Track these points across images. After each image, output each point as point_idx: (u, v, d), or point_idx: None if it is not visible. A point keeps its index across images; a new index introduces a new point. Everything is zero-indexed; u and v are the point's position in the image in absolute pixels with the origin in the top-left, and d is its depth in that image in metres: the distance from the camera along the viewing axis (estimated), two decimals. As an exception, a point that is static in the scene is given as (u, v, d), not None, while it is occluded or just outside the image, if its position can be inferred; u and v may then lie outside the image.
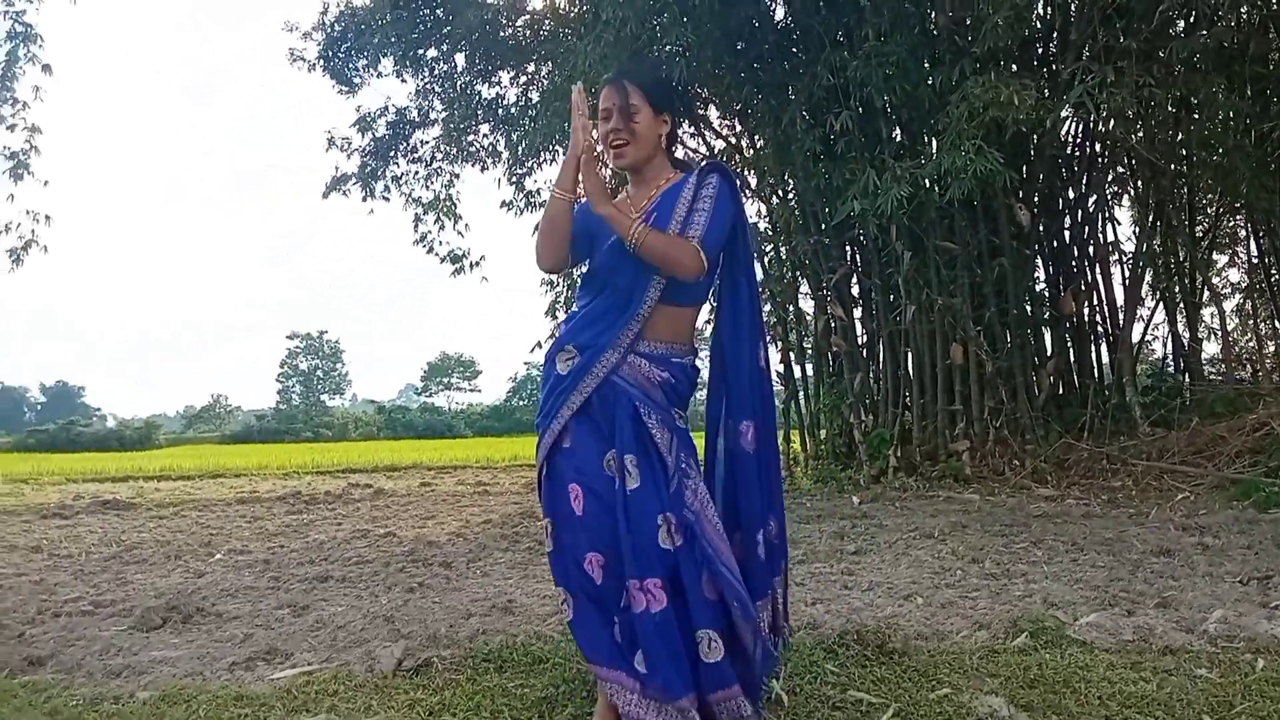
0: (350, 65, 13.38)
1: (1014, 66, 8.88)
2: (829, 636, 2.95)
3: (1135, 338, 10.60)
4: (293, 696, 2.64)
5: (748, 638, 2.38)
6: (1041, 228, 10.27)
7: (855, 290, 10.91)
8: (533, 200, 13.21)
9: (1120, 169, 10.76)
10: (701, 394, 2.82)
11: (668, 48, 8.98)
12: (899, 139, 9.55)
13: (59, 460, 23.78)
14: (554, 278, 12.31)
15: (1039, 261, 10.44)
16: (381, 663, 2.83)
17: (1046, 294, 10.42)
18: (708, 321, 5.94)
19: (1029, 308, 10.04)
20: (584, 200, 2.52)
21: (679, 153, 2.78)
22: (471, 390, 71.74)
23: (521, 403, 51.84)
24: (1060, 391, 10.12)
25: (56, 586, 5.01)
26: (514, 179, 13.22)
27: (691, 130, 12.15)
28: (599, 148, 2.59)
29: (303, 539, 6.87)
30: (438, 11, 12.58)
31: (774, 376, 11.18)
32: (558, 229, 2.53)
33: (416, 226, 13.75)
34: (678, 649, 2.32)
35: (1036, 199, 10.05)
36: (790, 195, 11.12)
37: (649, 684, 2.30)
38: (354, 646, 3.22)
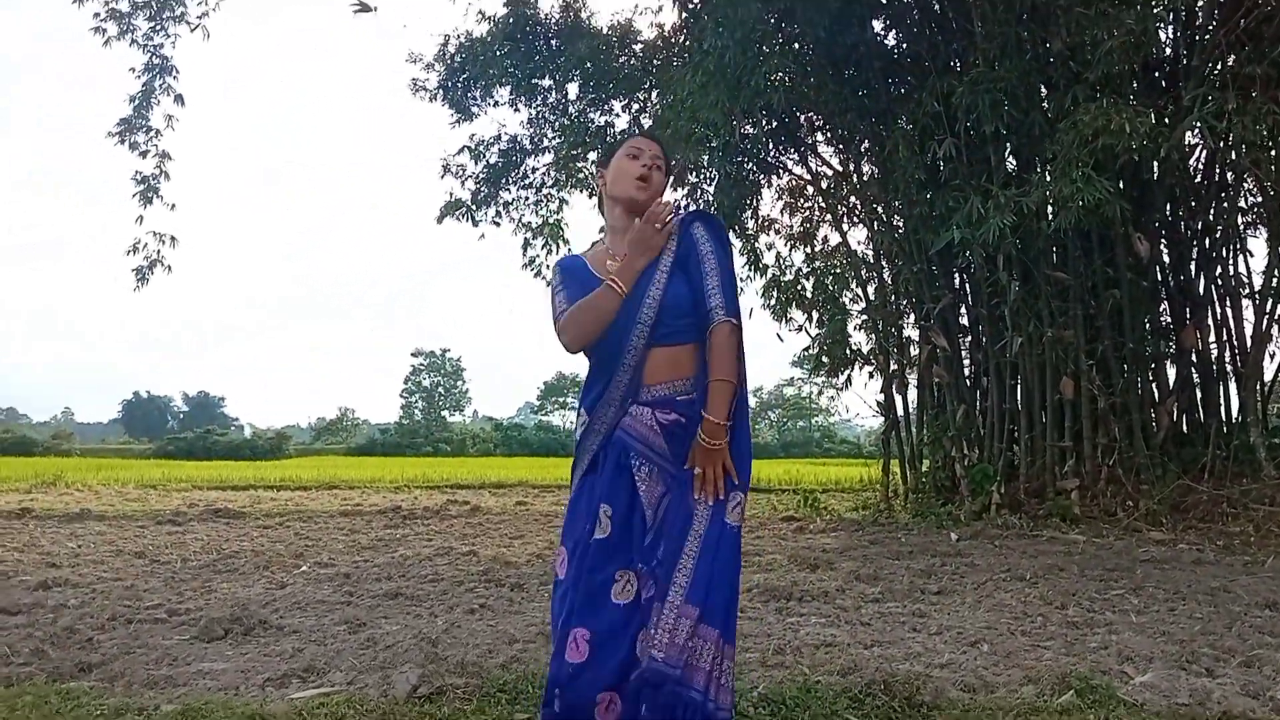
0: (468, 95, 13.79)
1: (1131, 93, 8.49)
2: (858, 685, 2.84)
3: (1268, 376, 9.99)
4: (302, 719, 2.67)
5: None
6: (1166, 258, 9.78)
7: (963, 319, 10.63)
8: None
9: (1252, 198, 10.16)
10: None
11: (768, 75, 8.93)
12: (1007, 167, 9.25)
13: (191, 468, 24.95)
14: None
15: (1162, 294, 9.93)
16: (396, 688, 2.86)
17: (1171, 328, 9.90)
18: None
19: (1148, 342, 9.55)
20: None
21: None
22: (586, 410, 72.18)
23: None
24: (1182, 430, 9.58)
25: (145, 593, 5.23)
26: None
27: (796, 157, 12.10)
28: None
29: (389, 554, 7.02)
30: (552, 43, 12.93)
31: (873, 408, 10.95)
32: (605, 319, 2.48)
33: (525, 251, 14.01)
34: (581, 703, 2.33)
35: (1160, 229, 9.58)
36: (896, 222, 10.91)
37: None
38: (386, 668, 3.25)
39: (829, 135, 11.70)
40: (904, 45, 9.97)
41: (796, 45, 9.53)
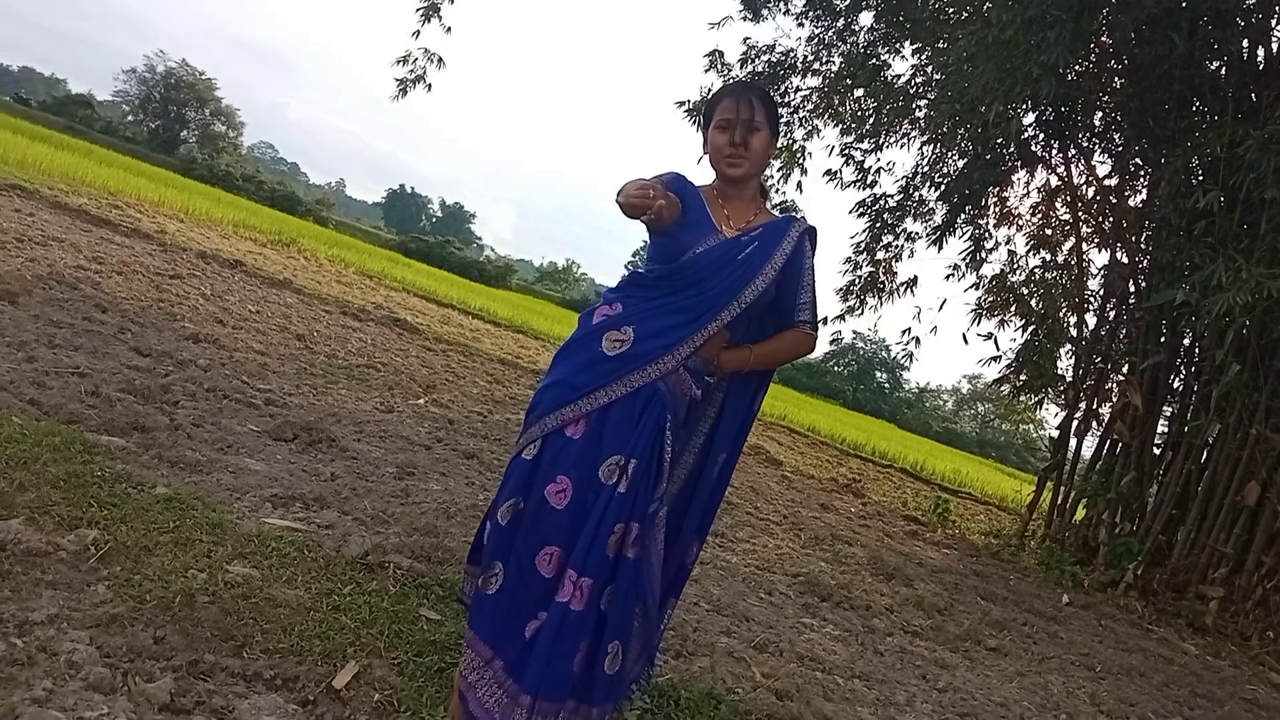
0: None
1: None
2: (762, 710, 2.73)
3: None
4: (245, 543, 2.76)
5: (634, 650, 2.42)
6: None
7: (1177, 383, 9.71)
8: (866, 175, 12.79)
9: None
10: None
11: (1044, 60, 8.20)
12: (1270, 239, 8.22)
13: (413, 270, 26.40)
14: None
15: None
16: (348, 548, 2.98)
17: None
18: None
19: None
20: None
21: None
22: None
23: (838, 369, 51.11)
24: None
25: (270, 374, 5.60)
26: (845, 150, 12.90)
27: (1061, 158, 11.19)
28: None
29: (508, 413, 7.26)
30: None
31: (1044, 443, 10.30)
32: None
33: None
34: (570, 650, 2.22)
35: None
36: (1142, 258, 9.98)
37: (522, 671, 2.22)
38: (376, 524, 3.40)
39: (1103, 144, 10.73)
40: (1211, 71, 8.87)
41: (1090, 41, 8.68)
